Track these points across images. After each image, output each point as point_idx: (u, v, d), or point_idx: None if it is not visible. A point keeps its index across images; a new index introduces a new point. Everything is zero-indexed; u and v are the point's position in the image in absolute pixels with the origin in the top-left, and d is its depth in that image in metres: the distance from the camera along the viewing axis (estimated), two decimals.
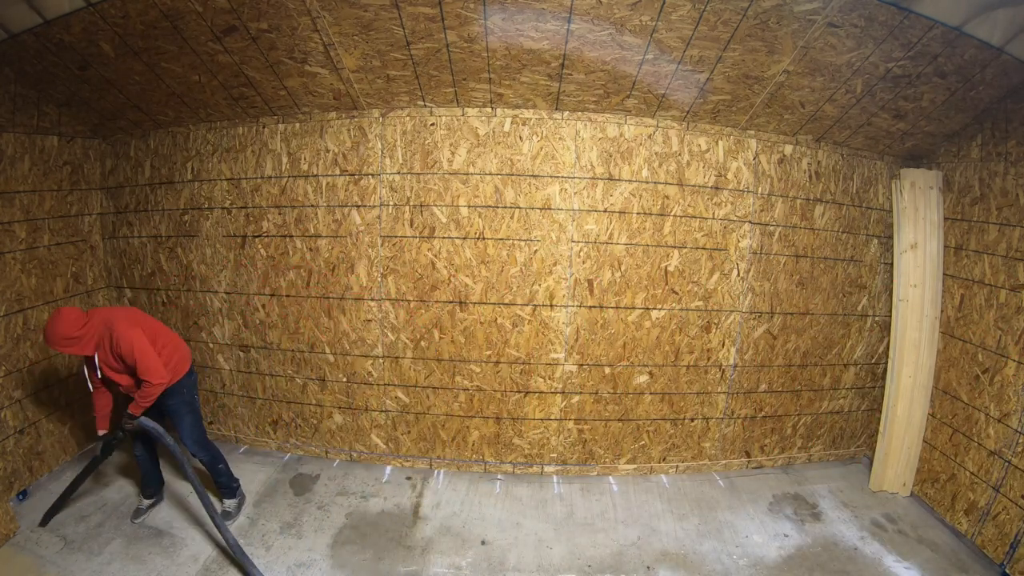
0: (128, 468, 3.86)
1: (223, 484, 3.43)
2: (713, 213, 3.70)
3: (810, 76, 3.12)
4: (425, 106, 3.54)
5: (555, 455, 4.01)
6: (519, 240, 3.65)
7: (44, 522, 3.25)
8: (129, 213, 4.09)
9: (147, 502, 3.45)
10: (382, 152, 3.62)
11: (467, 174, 3.59)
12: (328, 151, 3.68)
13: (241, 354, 4.09)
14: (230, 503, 3.47)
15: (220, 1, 2.71)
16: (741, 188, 3.70)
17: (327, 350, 3.93)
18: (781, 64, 3.03)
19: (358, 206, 3.70)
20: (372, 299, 3.80)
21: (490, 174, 3.59)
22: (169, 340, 3.25)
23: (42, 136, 3.59)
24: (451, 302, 3.74)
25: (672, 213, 3.66)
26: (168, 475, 3.65)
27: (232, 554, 2.98)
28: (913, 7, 2.58)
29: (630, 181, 3.61)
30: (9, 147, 3.37)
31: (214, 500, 3.44)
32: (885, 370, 4.01)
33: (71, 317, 2.86)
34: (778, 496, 3.86)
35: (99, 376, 3.05)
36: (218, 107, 3.64)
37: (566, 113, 3.53)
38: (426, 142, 3.59)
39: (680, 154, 3.61)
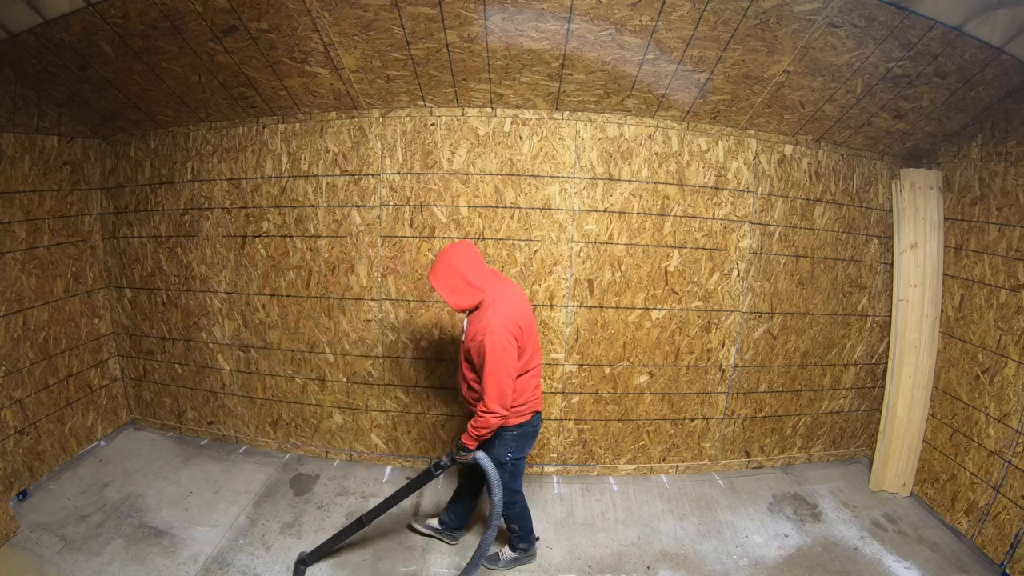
0: (129, 471, 3.87)
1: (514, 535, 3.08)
2: (713, 213, 3.70)
3: (810, 76, 3.12)
4: (425, 106, 3.54)
5: (555, 455, 4.01)
6: (519, 240, 3.65)
7: (307, 563, 2.94)
8: (129, 213, 4.09)
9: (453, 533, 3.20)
10: (382, 152, 3.62)
11: (467, 174, 3.59)
12: (328, 151, 3.68)
13: (241, 354, 4.09)
14: (507, 552, 3.12)
15: (220, 1, 2.71)
16: (741, 188, 3.70)
17: (327, 350, 3.93)
18: (781, 64, 3.03)
19: (358, 206, 3.70)
20: (372, 299, 3.80)
21: (490, 174, 3.59)
22: (534, 378, 2.71)
23: (42, 136, 3.59)
24: None
25: (672, 213, 3.66)
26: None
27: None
28: (913, 7, 2.58)
29: (630, 181, 3.61)
30: (9, 147, 3.36)
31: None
32: (885, 370, 4.01)
33: (474, 254, 2.48)
34: (778, 496, 3.86)
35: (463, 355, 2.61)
36: (218, 107, 3.64)
37: (566, 113, 3.53)
38: (426, 142, 3.59)
39: (680, 154, 3.61)
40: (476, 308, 2.54)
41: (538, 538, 3.20)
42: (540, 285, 3.70)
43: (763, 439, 4.17)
